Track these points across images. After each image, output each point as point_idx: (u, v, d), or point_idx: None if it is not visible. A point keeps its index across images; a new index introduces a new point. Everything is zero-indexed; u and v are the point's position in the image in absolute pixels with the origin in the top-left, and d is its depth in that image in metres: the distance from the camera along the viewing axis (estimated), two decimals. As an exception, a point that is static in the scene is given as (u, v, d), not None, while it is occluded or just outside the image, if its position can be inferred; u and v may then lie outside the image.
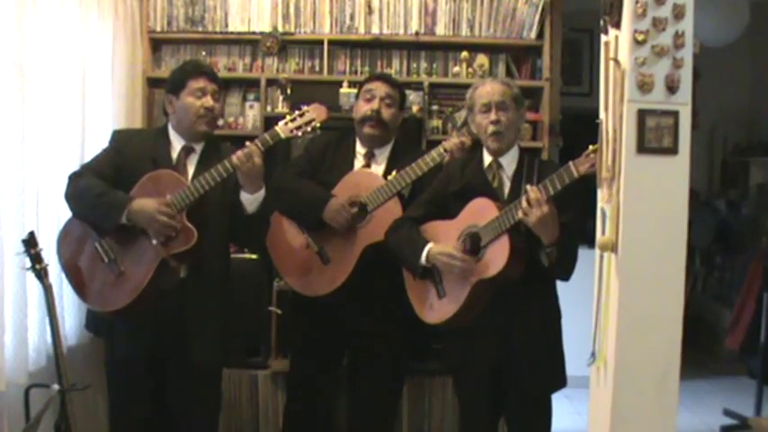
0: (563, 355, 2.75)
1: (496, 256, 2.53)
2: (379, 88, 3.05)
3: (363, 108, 3.06)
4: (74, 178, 2.71)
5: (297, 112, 2.82)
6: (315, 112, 2.82)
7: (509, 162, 2.73)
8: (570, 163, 2.46)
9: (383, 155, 3.11)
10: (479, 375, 2.71)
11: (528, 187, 2.47)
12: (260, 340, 3.58)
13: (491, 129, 2.68)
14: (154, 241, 2.60)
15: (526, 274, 2.56)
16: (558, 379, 2.73)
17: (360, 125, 3.08)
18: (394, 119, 3.09)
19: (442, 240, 2.69)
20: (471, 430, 2.82)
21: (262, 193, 2.74)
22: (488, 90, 2.72)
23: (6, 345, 2.48)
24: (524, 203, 2.44)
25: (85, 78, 3.08)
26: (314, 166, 3.12)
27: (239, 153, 2.65)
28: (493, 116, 2.68)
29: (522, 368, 2.63)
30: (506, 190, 2.70)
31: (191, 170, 2.79)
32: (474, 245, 2.60)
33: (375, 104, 3.03)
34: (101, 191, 2.64)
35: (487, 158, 2.74)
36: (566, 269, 2.60)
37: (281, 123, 2.79)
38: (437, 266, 2.65)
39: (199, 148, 2.83)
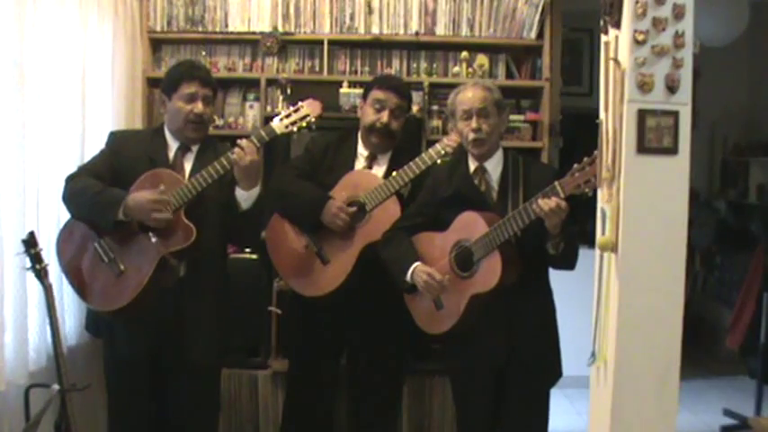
0: (559, 348, 2.76)
1: (490, 272, 2.56)
2: (391, 100, 3.03)
3: (371, 117, 3.04)
4: (70, 180, 2.72)
5: (291, 108, 2.83)
6: (309, 108, 2.83)
7: (494, 166, 2.73)
8: (556, 183, 2.46)
9: (385, 157, 3.11)
10: (481, 378, 2.71)
11: (547, 205, 2.43)
12: (260, 340, 3.58)
13: (472, 136, 2.68)
14: (153, 239, 2.61)
15: (523, 274, 2.58)
16: (556, 372, 2.75)
17: (367, 132, 3.06)
18: (401, 127, 3.09)
19: (433, 253, 2.71)
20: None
21: (257, 190, 2.74)
22: (469, 96, 2.71)
23: (6, 345, 2.49)
24: (550, 219, 2.44)
25: (85, 78, 3.07)
26: (314, 167, 3.12)
27: (237, 149, 2.65)
28: (474, 124, 2.68)
29: (524, 367, 2.64)
30: (494, 194, 2.70)
31: (188, 168, 2.80)
32: (466, 260, 2.62)
33: (385, 117, 3.02)
34: (97, 190, 2.65)
35: (473, 164, 2.75)
36: (571, 257, 2.63)
37: (276, 119, 2.80)
38: (417, 285, 2.68)
39: (195, 146, 2.84)
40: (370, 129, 3.04)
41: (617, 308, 2.37)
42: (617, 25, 2.40)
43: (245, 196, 2.73)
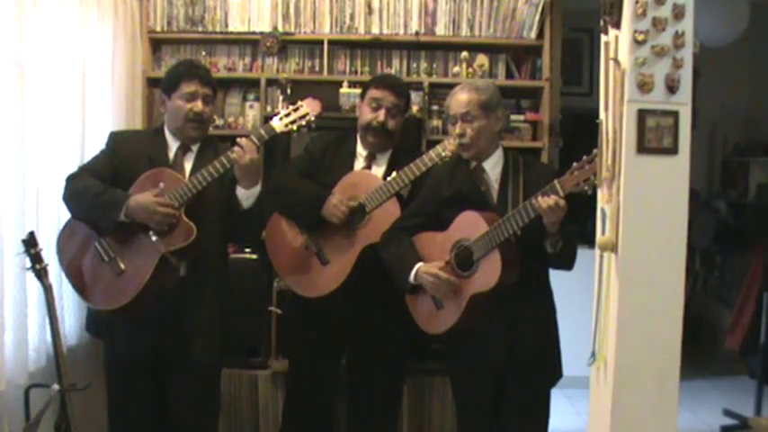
0: (560, 348, 2.76)
1: (489, 271, 2.55)
2: (387, 98, 3.03)
3: (368, 116, 3.04)
4: (71, 180, 2.73)
5: (291, 107, 2.84)
6: (309, 107, 2.83)
7: (492, 166, 2.73)
8: (556, 181, 2.46)
9: (384, 157, 3.11)
10: (481, 378, 2.71)
11: (546, 203, 2.43)
12: (260, 340, 3.58)
13: (457, 141, 2.70)
14: (153, 238, 2.61)
15: (523, 274, 2.58)
16: (556, 372, 2.75)
17: (364, 131, 3.07)
18: (398, 127, 3.09)
19: (434, 253, 2.71)
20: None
21: (257, 188, 2.74)
22: (454, 101, 2.72)
23: (6, 345, 2.48)
24: (548, 216, 2.44)
25: (85, 78, 3.07)
26: (314, 166, 3.12)
27: (236, 148, 2.66)
28: (458, 129, 2.69)
29: (524, 367, 2.64)
30: (494, 194, 2.70)
31: (188, 168, 2.80)
32: (466, 259, 2.62)
33: (381, 116, 3.01)
34: (98, 190, 2.65)
35: (473, 163, 2.75)
36: (570, 257, 2.63)
37: (275, 118, 2.81)
38: (424, 285, 2.68)
39: (195, 146, 2.84)
40: (366, 128, 3.04)
41: (617, 308, 2.37)
42: (617, 25, 2.40)
43: (246, 195, 2.73)
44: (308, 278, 3.04)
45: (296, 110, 2.82)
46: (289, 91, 3.66)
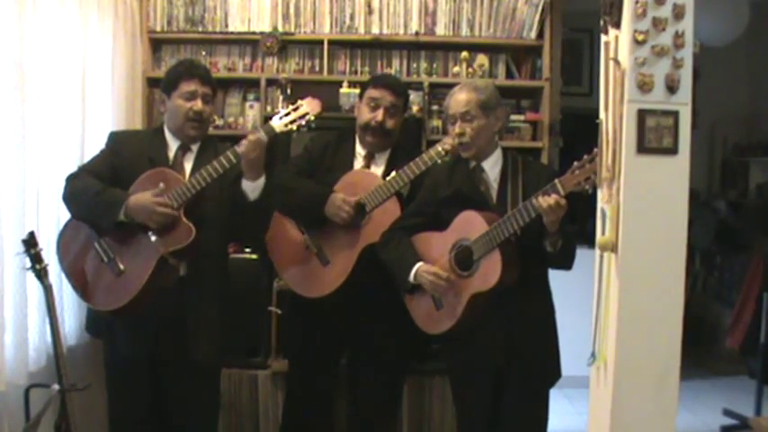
0: (559, 348, 2.76)
1: (490, 271, 2.55)
2: (385, 98, 3.03)
3: (366, 116, 3.04)
4: (71, 179, 2.73)
5: (291, 107, 2.83)
6: (309, 106, 2.83)
7: (491, 166, 2.73)
8: (556, 180, 2.46)
9: (383, 156, 3.10)
10: (480, 378, 2.71)
11: (546, 202, 2.43)
12: (260, 340, 3.58)
13: (456, 140, 2.71)
14: (153, 238, 2.61)
15: (522, 274, 2.58)
16: (555, 373, 2.75)
17: (362, 131, 3.07)
18: (397, 126, 3.09)
19: (433, 253, 2.71)
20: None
21: (262, 180, 2.75)
22: (454, 101, 2.72)
23: (6, 345, 2.49)
24: (548, 215, 2.44)
25: (85, 78, 3.07)
26: (313, 166, 3.12)
27: (245, 141, 2.67)
28: (457, 129, 2.69)
29: (523, 367, 2.64)
30: (494, 194, 2.71)
31: (188, 168, 2.80)
32: (466, 259, 2.62)
33: (379, 116, 3.01)
34: (98, 189, 2.65)
35: (472, 163, 2.75)
36: (569, 256, 2.63)
37: (275, 118, 2.81)
38: (423, 285, 2.68)
39: (195, 146, 2.84)
40: (365, 127, 3.04)
41: (617, 308, 2.37)
42: (617, 25, 2.40)
43: (252, 187, 2.73)
44: (309, 278, 3.04)
45: (295, 109, 2.82)
46: (289, 91, 3.66)
